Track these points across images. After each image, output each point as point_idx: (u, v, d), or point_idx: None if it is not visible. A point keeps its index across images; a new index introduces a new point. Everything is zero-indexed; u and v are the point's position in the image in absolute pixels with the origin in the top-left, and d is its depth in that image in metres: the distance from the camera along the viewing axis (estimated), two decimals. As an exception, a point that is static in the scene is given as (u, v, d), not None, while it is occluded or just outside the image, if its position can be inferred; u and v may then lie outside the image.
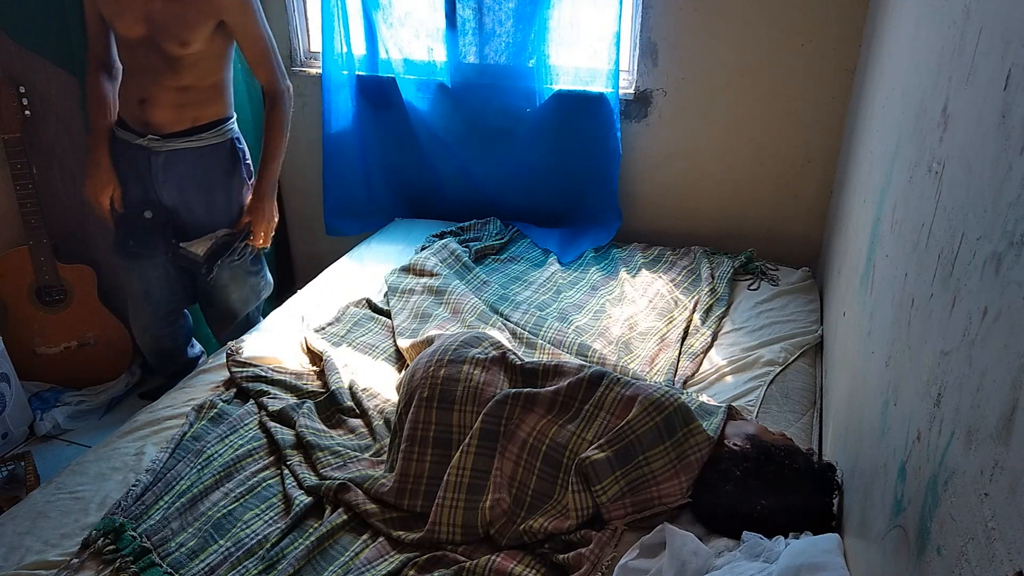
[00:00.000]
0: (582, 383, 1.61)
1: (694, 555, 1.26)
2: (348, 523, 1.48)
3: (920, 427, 0.91)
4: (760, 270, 2.48)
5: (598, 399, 1.57)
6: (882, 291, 1.30)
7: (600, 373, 1.62)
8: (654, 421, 1.49)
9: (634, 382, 1.60)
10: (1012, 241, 0.69)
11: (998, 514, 0.63)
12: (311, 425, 1.71)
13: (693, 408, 1.56)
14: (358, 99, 2.80)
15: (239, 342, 2.01)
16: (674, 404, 1.51)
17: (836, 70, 2.41)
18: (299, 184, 3.12)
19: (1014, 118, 0.73)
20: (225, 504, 1.49)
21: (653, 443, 1.48)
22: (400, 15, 2.65)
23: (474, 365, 1.66)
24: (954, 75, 1.01)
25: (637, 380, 1.65)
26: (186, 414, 1.73)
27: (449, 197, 2.95)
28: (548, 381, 1.66)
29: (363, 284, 2.41)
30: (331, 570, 1.38)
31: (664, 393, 1.53)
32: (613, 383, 1.59)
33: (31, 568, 1.33)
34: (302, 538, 1.43)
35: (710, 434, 1.49)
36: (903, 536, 0.91)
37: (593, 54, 2.56)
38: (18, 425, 2.41)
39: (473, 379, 1.63)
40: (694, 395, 1.87)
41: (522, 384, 1.67)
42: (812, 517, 1.37)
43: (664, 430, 1.49)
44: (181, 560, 1.37)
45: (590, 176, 2.72)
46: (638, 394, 1.54)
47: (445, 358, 1.67)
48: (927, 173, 1.09)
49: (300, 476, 1.57)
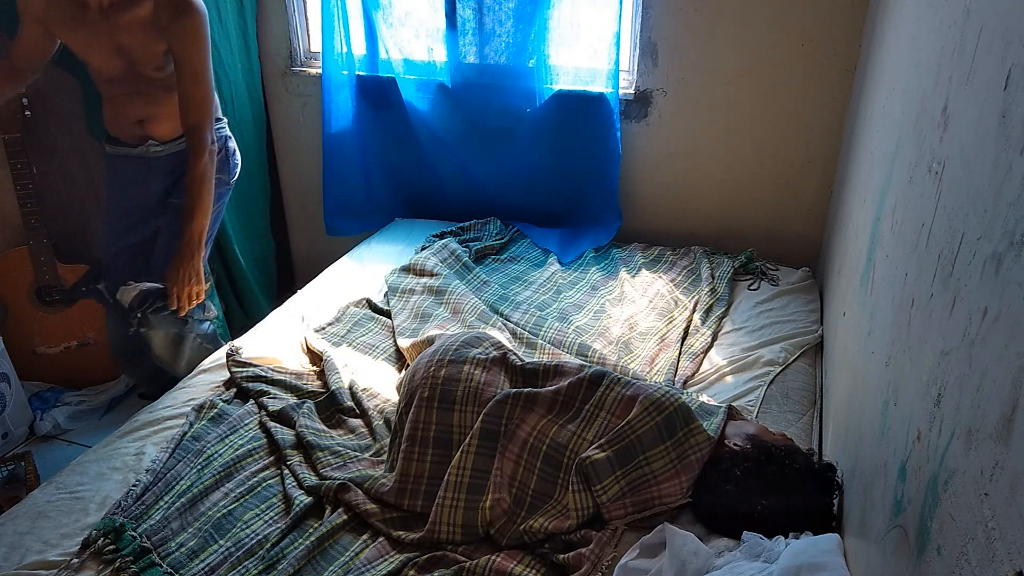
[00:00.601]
0: (582, 383, 1.61)
1: (694, 555, 1.26)
2: (348, 523, 1.48)
3: (920, 427, 0.91)
4: (760, 270, 2.48)
5: (598, 399, 1.57)
6: (882, 291, 1.30)
7: (600, 373, 1.62)
8: (655, 421, 1.49)
9: (635, 382, 1.60)
10: (1012, 241, 0.69)
11: (998, 514, 0.63)
12: (311, 425, 1.71)
13: (693, 408, 1.56)
14: (358, 99, 2.80)
15: (238, 342, 2.01)
16: (675, 404, 1.51)
17: (836, 70, 2.41)
18: (299, 184, 3.12)
19: (1014, 118, 0.73)
20: (225, 504, 1.49)
21: (653, 443, 1.48)
22: (400, 15, 2.65)
23: (475, 365, 1.66)
24: (954, 75, 1.01)
25: (638, 380, 1.65)
26: (186, 414, 1.73)
27: (449, 197, 2.95)
28: (548, 381, 1.66)
29: (363, 284, 2.41)
30: (331, 570, 1.38)
31: (665, 393, 1.53)
32: (613, 383, 1.59)
33: (31, 568, 1.33)
34: (302, 538, 1.43)
35: (710, 434, 1.49)
36: (903, 536, 0.91)
37: (593, 54, 2.56)
38: (18, 425, 2.41)
39: (474, 379, 1.63)
40: (694, 395, 1.87)
41: (522, 384, 1.67)
42: (812, 517, 1.37)
43: (664, 430, 1.49)
44: (181, 560, 1.37)
45: (590, 176, 2.72)
46: (639, 394, 1.54)
47: (446, 358, 1.67)
48: (927, 173, 1.08)
49: (300, 476, 1.57)
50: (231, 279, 2.84)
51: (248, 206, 2.90)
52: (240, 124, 2.79)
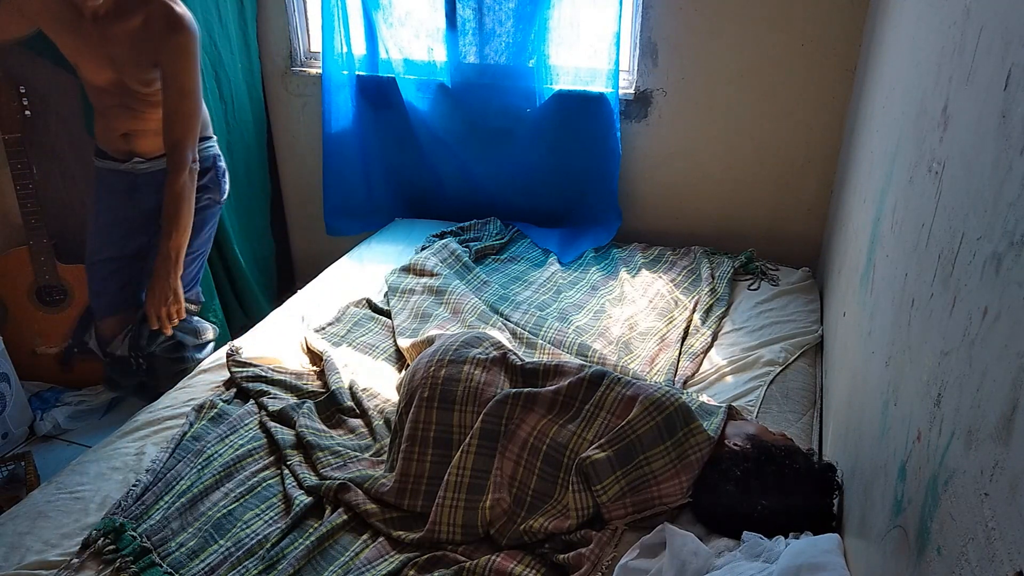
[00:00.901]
0: (583, 383, 1.61)
1: (694, 555, 1.26)
2: (348, 523, 1.48)
3: (920, 427, 0.91)
4: (760, 270, 2.48)
5: (598, 399, 1.57)
6: (882, 291, 1.30)
7: (600, 373, 1.62)
8: (655, 421, 1.49)
9: (635, 382, 1.60)
10: (1012, 241, 0.69)
11: (998, 514, 0.63)
12: (311, 425, 1.71)
13: (693, 408, 1.56)
14: (358, 99, 2.80)
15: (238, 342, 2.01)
16: (675, 404, 1.51)
17: (836, 70, 2.41)
18: (299, 184, 3.13)
19: (1014, 118, 0.73)
20: (225, 504, 1.49)
21: (653, 443, 1.48)
22: (400, 15, 2.65)
23: (475, 365, 1.66)
24: (954, 75, 1.01)
25: (638, 380, 1.65)
26: (186, 414, 1.74)
27: (449, 197, 2.95)
28: (548, 381, 1.66)
29: (363, 284, 2.41)
30: (331, 570, 1.38)
31: (665, 393, 1.53)
32: (614, 383, 1.59)
33: (31, 568, 1.33)
34: (302, 538, 1.43)
35: (711, 434, 1.49)
36: (903, 536, 0.91)
37: (593, 54, 2.56)
38: (18, 425, 2.41)
39: (474, 379, 1.63)
40: (694, 395, 1.87)
41: (522, 384, 1.66)
42: (812, 517, 1.37)
43: (664, 430, 1.49)
44: (181, 560, 1.37)
45: (590, 176, 2.72)
46: (639, 394, 1.54)
47: (446, 358, 1.67)
48: (927, 173, 1.08)
49: (300, 476, 1.57)
50: (231, 279, 2.83)
51: (248, 206, 2.90)
52: (240, 124, 2.79)
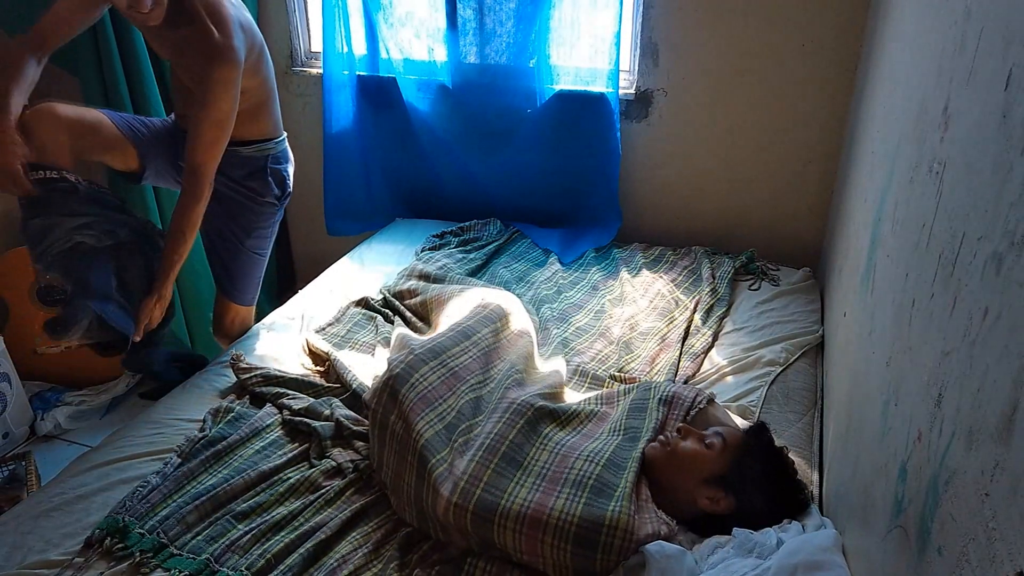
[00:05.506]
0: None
1: (669, 558, 1.25)
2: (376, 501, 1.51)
3: (921, 427, 0.91)
4: (761, 270, 2.48)
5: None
6: (883, 291, 1.30)
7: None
8: (567, 550, 1.31)
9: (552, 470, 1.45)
10: (1013, 241, 0.69)
11: (999, 514, 0.63)
12: (351, 415, 1.72)
13: (600, 476, 1.41)
14: (359, 99, 2.80)
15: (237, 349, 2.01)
16: (574, 521, 1.32)
17: (836, 70, 2.41)
18: (299, 184, 3.11)
19: (1015, 118, 0.73)
20: (246, 498, 1.50)
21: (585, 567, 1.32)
22: (401, 15, 2.65)
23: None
24: (955, 75, 1.01)
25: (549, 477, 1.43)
26: (203, 418, 1.72)
27: (450, 197, 2.95)
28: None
29: (364, 284, 2.41)
30: (352, 537, 1.42)
31: (561, 511, 1.33)
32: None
33: (33, 567, 1.33)
34: (333, 509, 1.48)
35: (624, 527, 1.31)
36: (904, 536, 0.91)
37: (594, 54, 2.56)
38: (19, 425, 2.41)
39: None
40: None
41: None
42: (784, 506, 1.40)
43: (584, 554, 1.31)
44: (200, 546, 1.38)
45: (591, 176, 2.72)
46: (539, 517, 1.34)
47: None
48: (928, 173, 1.08)
49: (342, 463, 1.59)
50: (232, 279, 2.83)
51: (249, 206, 2.89)
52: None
